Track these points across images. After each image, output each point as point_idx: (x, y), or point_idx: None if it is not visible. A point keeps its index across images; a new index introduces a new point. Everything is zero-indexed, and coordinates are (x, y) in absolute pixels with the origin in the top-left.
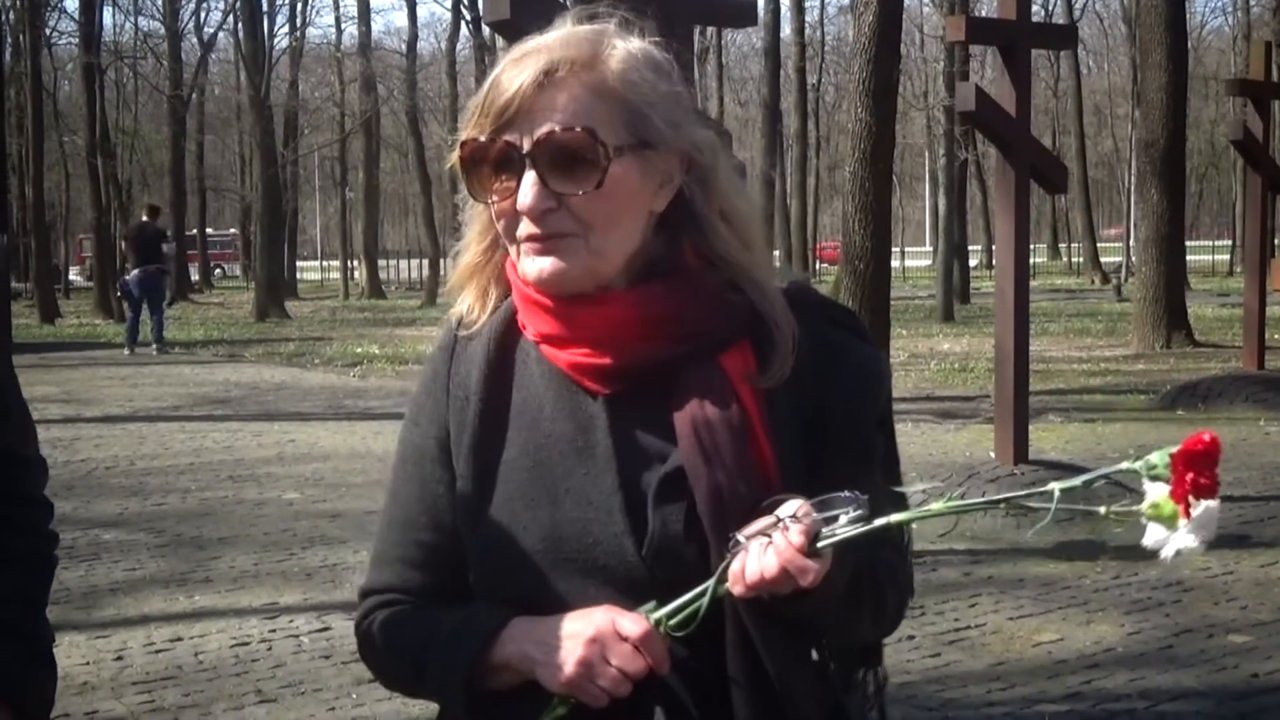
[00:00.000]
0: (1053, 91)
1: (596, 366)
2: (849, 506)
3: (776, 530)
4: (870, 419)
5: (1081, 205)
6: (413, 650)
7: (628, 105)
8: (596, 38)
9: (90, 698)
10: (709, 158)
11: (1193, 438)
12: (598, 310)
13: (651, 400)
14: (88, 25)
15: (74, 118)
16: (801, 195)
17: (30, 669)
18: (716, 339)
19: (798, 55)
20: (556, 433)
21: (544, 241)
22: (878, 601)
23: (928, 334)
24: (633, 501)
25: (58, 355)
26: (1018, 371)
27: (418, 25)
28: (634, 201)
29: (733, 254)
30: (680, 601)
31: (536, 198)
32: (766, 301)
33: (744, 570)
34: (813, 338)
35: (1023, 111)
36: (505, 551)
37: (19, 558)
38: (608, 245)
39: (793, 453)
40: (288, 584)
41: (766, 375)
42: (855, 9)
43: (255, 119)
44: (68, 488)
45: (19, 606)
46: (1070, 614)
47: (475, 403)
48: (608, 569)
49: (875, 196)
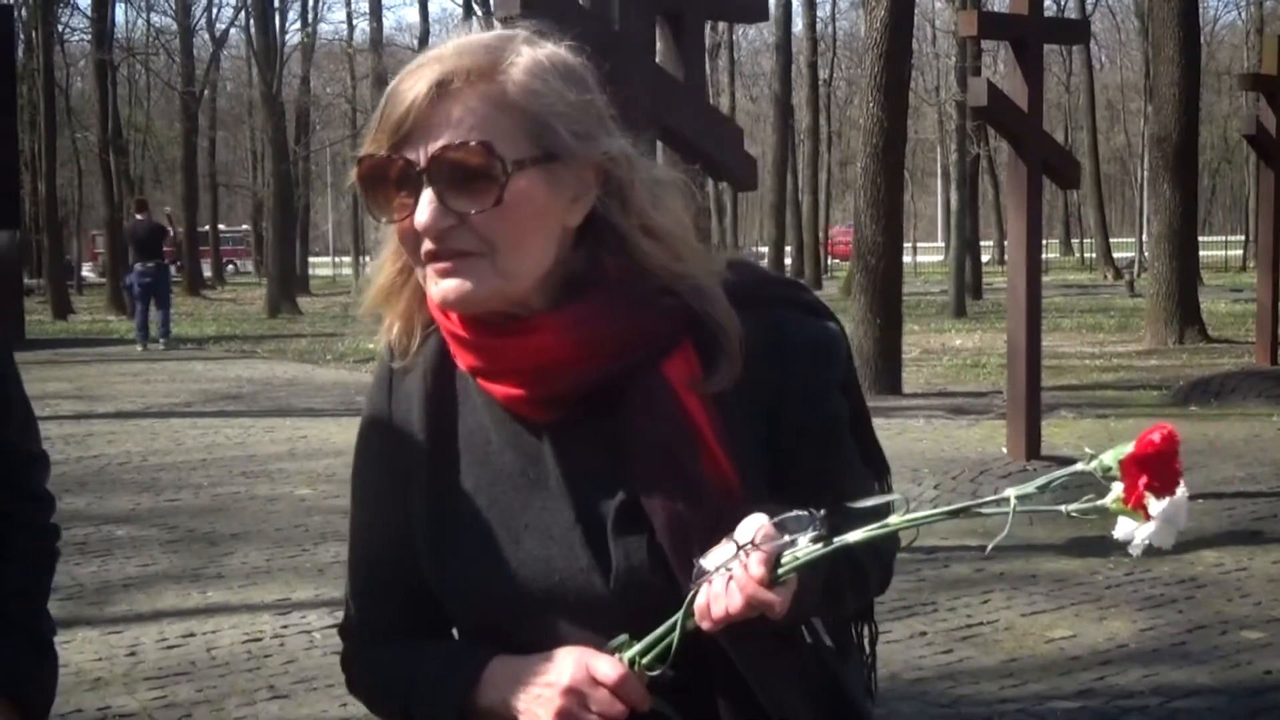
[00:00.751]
0: (1065, 86)
1: (531, 398)
2: (808, 528)
3: (736, 561)
4: (830, 393)
5: (1094, 201)
6: (399, 693)
7: (530, 116)
8: (498, 45)
9: (103, 693)
10: (624, 169)
11: (1144, 438)
12: (523, 341)
13: (598, 422)
14: (100, 22)
15: (86, 114)
16: (813, 190)
17: (32, 663)
18: (655, 349)
19: (809, 50)
20: (506, 465)
21: (446, 261)
22: (858, 580)
23: (940, 329)
24: (593, 533)
25: (71, 351)
26: (1030, 367)
27: (429, 21)
28: (541, 218)
29: (662, 265)
30: (652, 638)
31: (434, 216)
32: (708, 305)
33: (709, 606)
34: (760, 322)
35: (1035, 106)
36: (472, 593)
37: (20, 553)
38: (515, 264)
39: (753, 451)
40: (300, 579)
41: (714, 380)
42: (867, 4)
43: (267, 115)
44: (80, 483)
45: (20, 601)
46: (1083, 610)
47: (422, 440)
48: (577, 604)
49: (887, 191)
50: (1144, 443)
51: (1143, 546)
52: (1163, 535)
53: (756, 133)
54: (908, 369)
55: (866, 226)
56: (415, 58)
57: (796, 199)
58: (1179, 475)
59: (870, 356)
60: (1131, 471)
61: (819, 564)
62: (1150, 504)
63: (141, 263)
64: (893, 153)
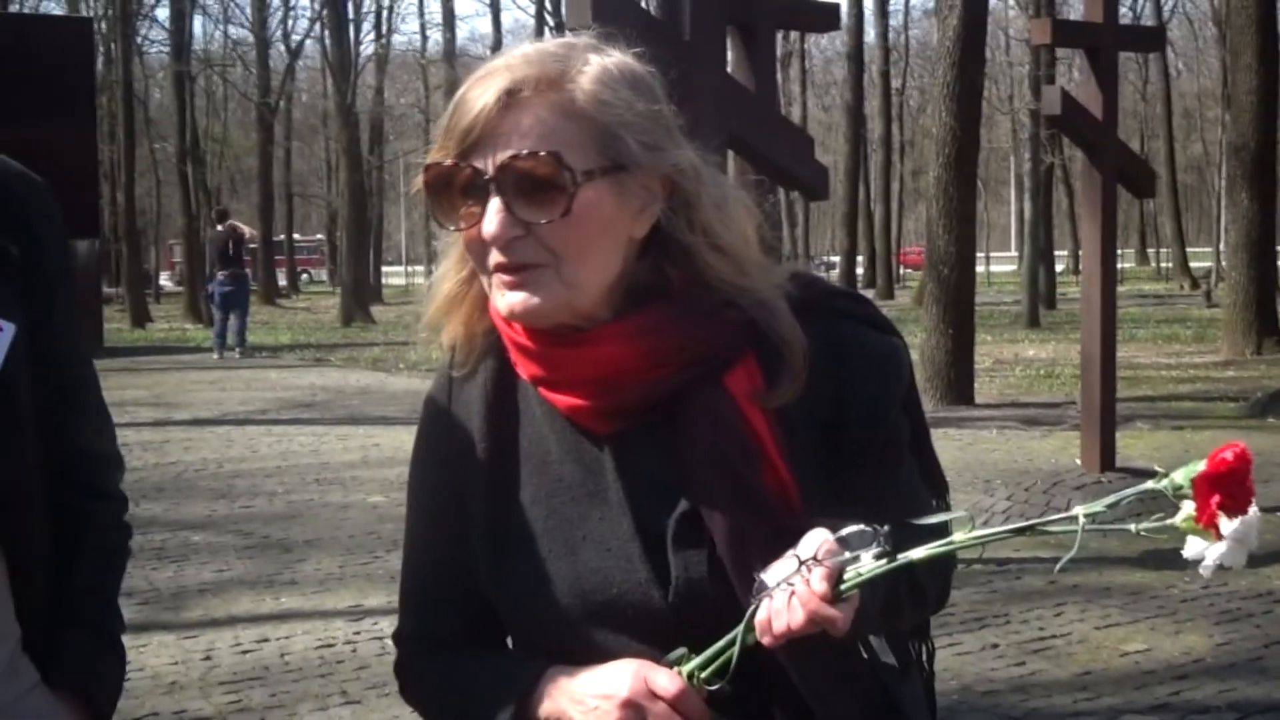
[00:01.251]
0: (1141, 94)
1: (595, 409)
2: (871, 543)
3: (799, 576)
4: (891, 408)
5: (1170, 210)
6: (454, 704)
7: (598, 126)
8: (566, 53)
9: (179, 697)
10: (691, 181)
11: (1217, 456)
12: (586, 351)
13: (659, 433)
14: (178, 34)
15: (165, 125)
16: (885, 200)
17: (100, 660)
18: (718, 361)
19: (881, 59)
20: (566, 476)
21: (513, 273)
22: (917, 596)
23: (1013, 340)
24: (652, 545)
25: (148, 359)
26: (1104, 378)
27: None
28: (608, 228)
29: (726, 279)
30: (712, 651)
31: (501, 226)
32: (772, 319)
33: (770, 621)
34: (823, 336)
35: (1110, 115)
36: (529, 604)
37: (92, 550)
38: (581, 275)
39: (813, 466)
40: (372, 586)
41: (776, 394)
42: (940, 13)
43: (341, 125)
44: (158, 489)
45: (90, 598)
46: (1158, 624)
47: (481, 449)
48: (634, 617)
49: (960, 201)
50: (1216, 461)
51: (1213, 567)
52: (1234, 555)
53: (828, 142)
54: (980, 379)
55: (939, 236)
56: (482, 66)
57: (868, 208)
58: (1251, 494)
59: (942, 367)
60: (1203, 490)
61: (880, 581)
62: (1222, 523)
63: (223, 272)
64: (965, 162)
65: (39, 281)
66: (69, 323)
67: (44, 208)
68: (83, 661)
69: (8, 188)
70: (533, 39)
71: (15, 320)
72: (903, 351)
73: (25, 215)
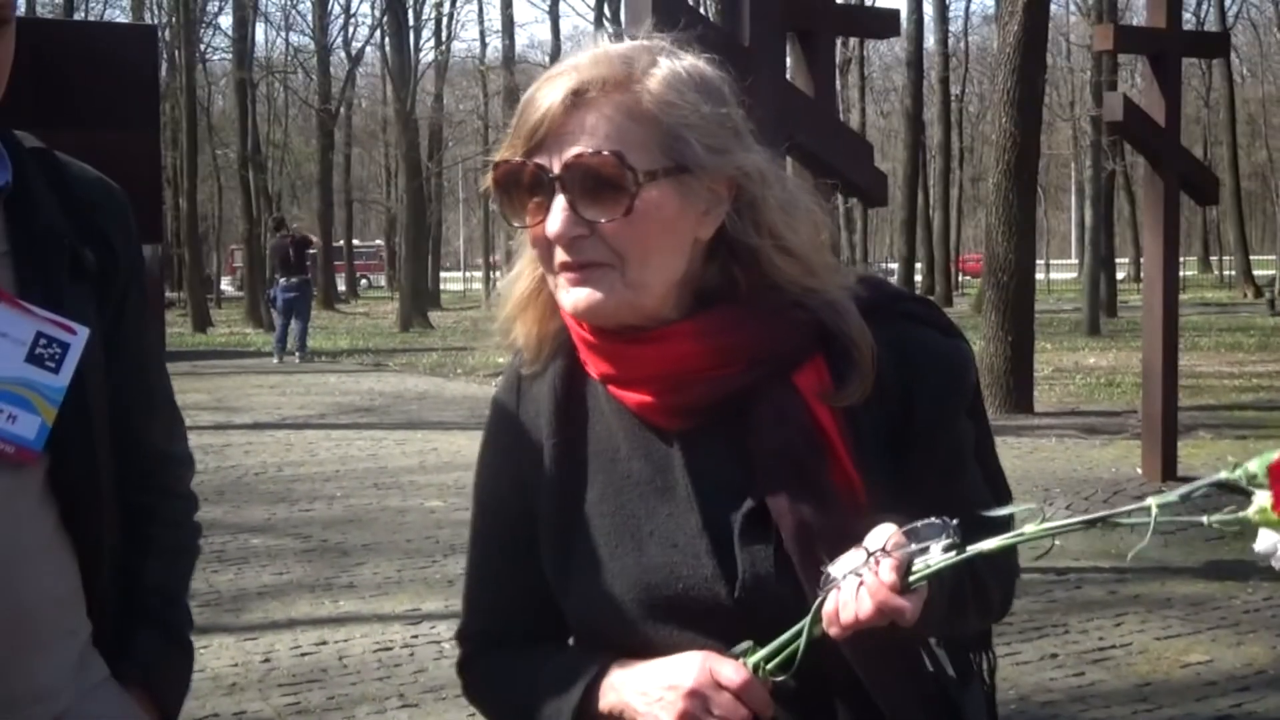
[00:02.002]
0: (1204, 101)
1: (663, 405)
2: (940, 535)
3: (867, 567)
4: (958, 412)
5: (1233, 217)
6: (517, 700)
7: (663, 128)
8: (634, 55)
9: (238, 698)
10: (757, 184)
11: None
12: (656, 348)
13: (727, 431)
14: (240, 42)
15: (227, 131)
16: (944, 207)
17: (167, 656)
18: (786, 360)
19: (941, 65)
20: (634, 473)
21: (577, 271)
22: (981, 598)
23: (1073, 348)
24: (719, 541)
25: (209, 363)
26: (1166, 386)
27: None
28: (671, 229)
29: (794, 280)
30: (778, 643)
31: (565, 224)
32: (840, 320)
33: (838, 612)
34: (891, 338)
35: (1173, 121)
36: (595, 599)
37: (161, 548)
38: (645, 276)
39: (880, 466)
40: (430, 591)
41: (845, 393)
42: (1000, 19)
43: (401, 132)
44: (219, 493)
45: (159, 595)
46: (1220, 635)
47: (550, 446)
48: (700, 612)
49: (1019, 208)
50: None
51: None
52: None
53: (887, 148)
54: (1039, 387)
55: (998, 243)
56: (553, 66)
57: (927, 215)
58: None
59: (1001, 374)
60: (1279, 479)
61: (946, 575)
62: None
63: (286, 278)
64: (1025, 168)
65: (113, 286)
66: (142, 326)
67: (119, 214)
68: (152, 658)
69: (85, 194)
70: (595, 43)
71: (89, 324)
72: (969, 356)
73: (101, 221)
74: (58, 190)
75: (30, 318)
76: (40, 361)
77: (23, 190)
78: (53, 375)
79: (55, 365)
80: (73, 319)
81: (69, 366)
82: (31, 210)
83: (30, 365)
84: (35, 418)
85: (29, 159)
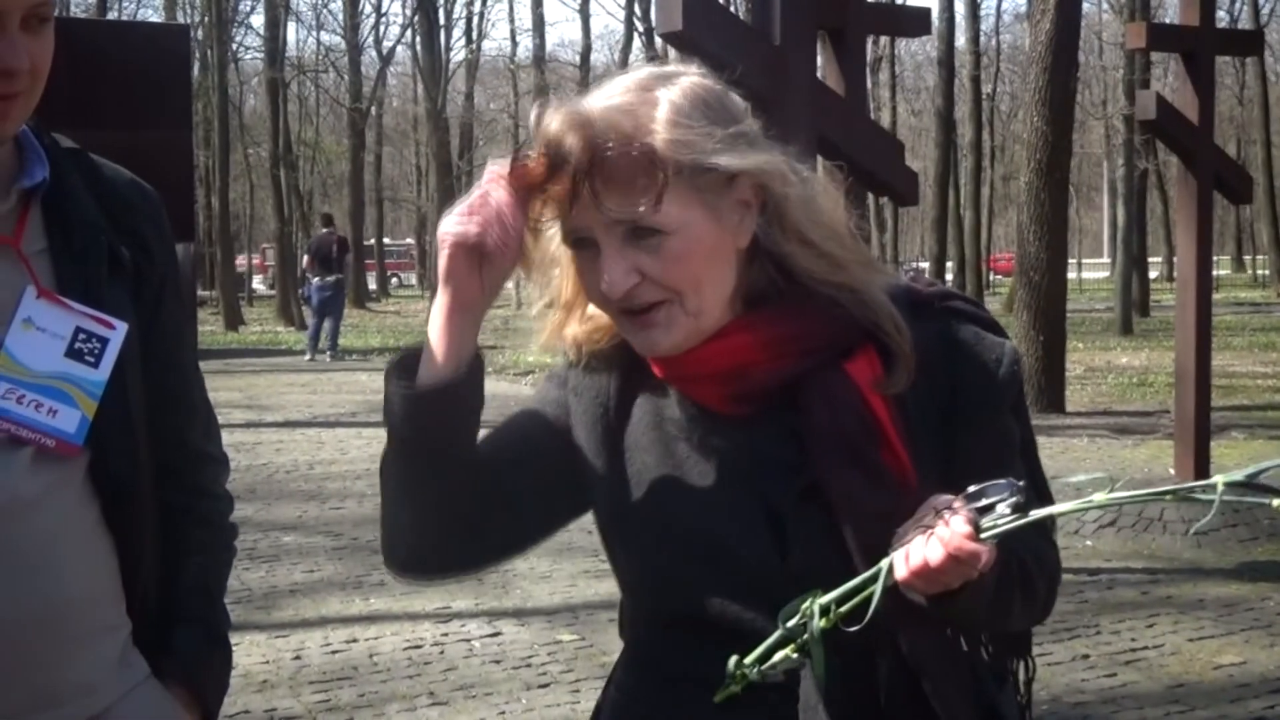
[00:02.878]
0: (1238, 99)
1: (725, 395)
2: (1006, 493)
3: (937, 521)
4: (1003, 407)
5: (1267, 216)
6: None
7: (684, 165)
8: (637, 103)
9: (269, 695)
10: (778, 185)
11: None
12: (718, 344)
13: (784, 416)
14: (272, 41)
15: (258, 130)
16: (975, 206)
17: (207, 654)
18: (837, 348)
19: (972, 64)
20: (694, 451)
21: (640, 314)
22: (1027, 590)
23: (1105, 347)
24: (774, 515)
25: (241, 361)
26: (1199, 386)
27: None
28: (714, 253)
29: (824, 275)
30: (848, 588)
31: (620, 277)
32: (871, 314)
33: (908, 556)
34: (939, 331)
35: (1206, 120)
36: (651, 564)
37: (200, 548)
38: (704, 301)
39: (929, 453)
40: (460, 589)
41: (891, 381)
42: (1032, 17)
43: (432, 131)
44: (250, 491)
45: (197, 594)
46: (1253, 636)
47: (613, 408)
48: (753, 583)
49: (1051, 207)
50: None
51: None
52: None
53: (918, 147)
54: (1071, 387)
55: (1030, 242)
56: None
57: (958, 214)
58: None
59: (1033, 374)
60: None
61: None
62: None
63: (322, 276)
64: (1057, 167)
65: (148, 285)
66: (177, 326)
67: (154, 214)
68: (192, 656)
69: (120, 194)
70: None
71: (127, 320)
72: (1016, 355)
73: (136, 221)
74: (94, 190)
75: (70, 313)
76: (80, 356)
77: (60, 188)
78: (92, 369)
79: (95, 360)
80: (111, 314)
81: (109, 360)
82: (70, 207)
83: (70, 360)
84: (76, 411)
85: (66, 159)
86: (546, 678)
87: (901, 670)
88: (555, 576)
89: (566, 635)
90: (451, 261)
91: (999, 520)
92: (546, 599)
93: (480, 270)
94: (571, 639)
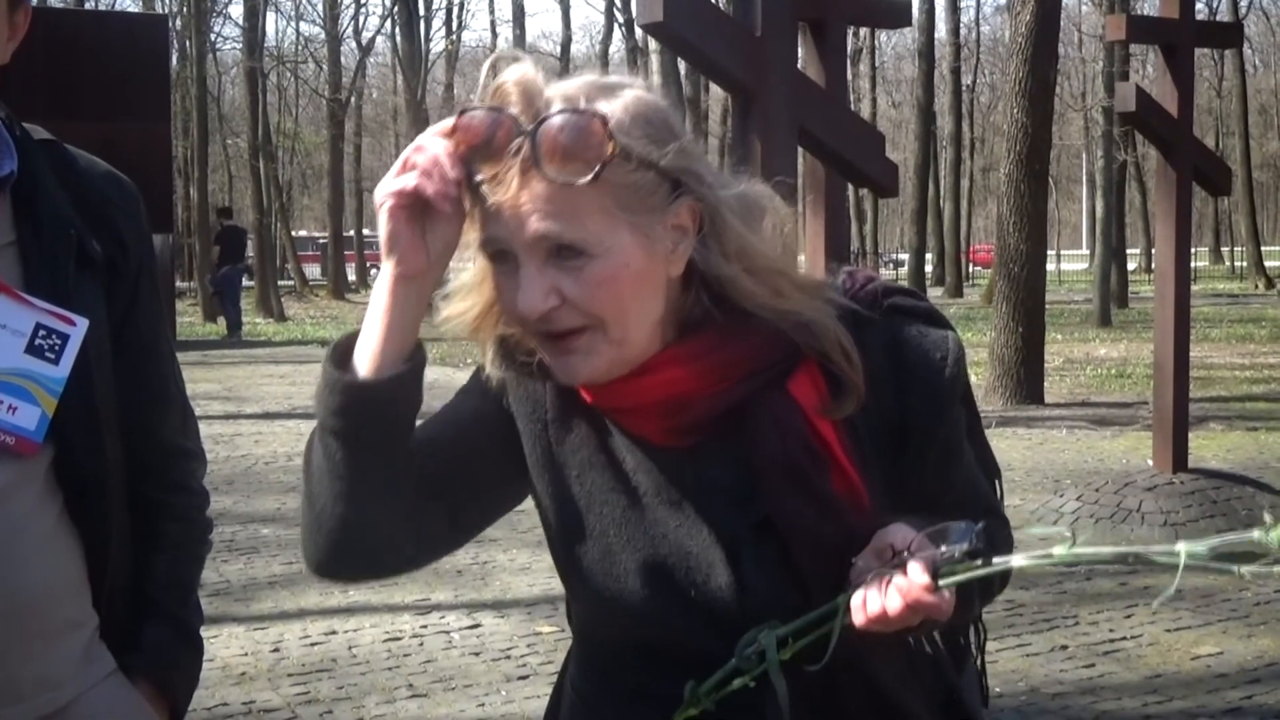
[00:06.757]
0: (1216, 91)
1: (666, 428)
2: (964, 540)
3: (894, 568)
4: (951, 404)
5: (1245, 208)
6: None
7: (620, 187)
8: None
9: (248, 688)
10: (712, 203)
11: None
12: (650, 378)
13: (731, 442)
14: (251, 31)
15: (237, 121)
16: (955, 197)
17: (176, 650)
18: (776, 369)
19: (952, 56)
20: (641, 485)
21: (559, 340)
22: (986, 593)
23: (1084, 339)
24: (729, 550)
25: (219, 353)
26: (1177, 378)
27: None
28: (642, 279)
29: (767, 301)
30: (802, 623)
31: (538, 297)
32: (815, 340)
33: (865, 604)
34: (880, 339)
35: (1185, 112)
36: (605, 600)
37: (172, 543)
38: (628, 330)
39: (879, 465)
40: (439, 581)
41: (838, 406)
42: (1012, 9)
43: (411, 121)
44: (228, 483)
45: (170, 590)
46: (1230, 626)
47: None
48: (710, 619)
49: (1031, 199)
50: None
51: None
52: None
53: (898, 138)
54: (1050, 378)
55: (1009, 234)
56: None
57: (938, 206)
58: None
59: (1012, 365)
60: None
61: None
62: None
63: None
64: (1037, 159)
65: (122, 279)
66: (152, 319)
67: (130, 207)
68: (161, 652)
69: (95, 187)
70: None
71: (90, 316)
72: (958, 345)
73: (111, 213)
74: (67, 182)
75: (29, 309)
76: (40, 353)
77: (29, 180)
78: (52, 366)
79: (55, 356)
80: (78, 309)
81: (69, 357)
82: (38, 200)
83: (30, 356)
84: (35, 409)
85: (38, 151)
86: (526, 669)
87: (863, 685)
88: (535, 569)
89: (546, 627)
90: (393, 222)
91: (957, 568)
92: (526, 591)
93: (424, 236)
94: (551, 631)
